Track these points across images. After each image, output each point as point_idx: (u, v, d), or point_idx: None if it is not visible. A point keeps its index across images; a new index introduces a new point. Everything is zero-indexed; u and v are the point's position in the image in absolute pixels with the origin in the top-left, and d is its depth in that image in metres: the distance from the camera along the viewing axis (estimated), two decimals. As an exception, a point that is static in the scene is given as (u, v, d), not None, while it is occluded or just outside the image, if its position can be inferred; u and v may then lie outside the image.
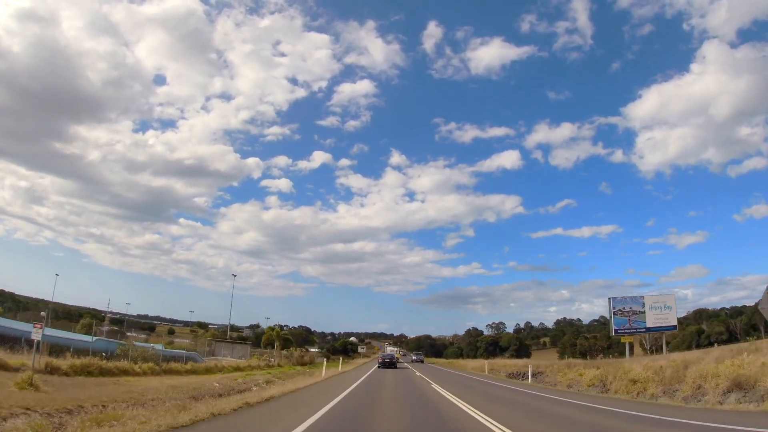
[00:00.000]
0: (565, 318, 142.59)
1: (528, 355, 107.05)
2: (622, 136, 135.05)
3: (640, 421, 10.86)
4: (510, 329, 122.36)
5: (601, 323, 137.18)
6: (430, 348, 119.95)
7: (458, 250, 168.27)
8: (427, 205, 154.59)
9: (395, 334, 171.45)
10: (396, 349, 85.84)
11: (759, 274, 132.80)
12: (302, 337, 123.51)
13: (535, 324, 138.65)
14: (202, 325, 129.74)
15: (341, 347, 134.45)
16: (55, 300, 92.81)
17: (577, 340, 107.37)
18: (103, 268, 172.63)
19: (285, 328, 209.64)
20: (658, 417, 11.19)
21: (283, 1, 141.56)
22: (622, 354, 50.07)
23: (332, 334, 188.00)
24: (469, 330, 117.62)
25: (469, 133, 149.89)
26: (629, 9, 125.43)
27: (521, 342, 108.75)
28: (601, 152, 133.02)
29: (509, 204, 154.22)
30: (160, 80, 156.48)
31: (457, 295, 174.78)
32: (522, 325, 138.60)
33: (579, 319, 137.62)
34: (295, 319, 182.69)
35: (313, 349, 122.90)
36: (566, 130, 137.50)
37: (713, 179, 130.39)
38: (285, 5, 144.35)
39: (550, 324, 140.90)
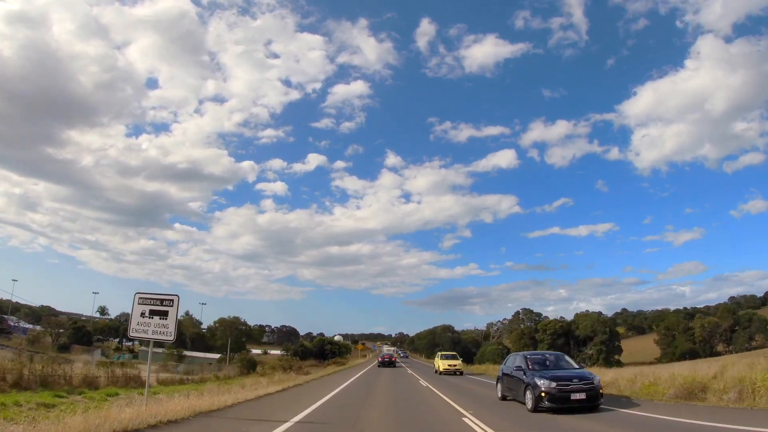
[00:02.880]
0: (586, 311, 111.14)
1: (619, 351, 63.80)
2: (617, 134, 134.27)
3: None
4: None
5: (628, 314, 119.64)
6: (453, 347, 75.81)
7: (455, 251, 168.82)
8: (423, 206, 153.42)
9: (393, 335, 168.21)
10: (393, 348, 78.44)
11: (756, 270, 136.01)
12: (241, 331, 79.54)
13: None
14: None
15: (317, 348, 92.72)
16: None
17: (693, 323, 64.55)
18: (99, 274, 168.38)
19: (268, 328, 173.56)
20: None
21: (275, 0, 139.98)
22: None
23: (321, 334, 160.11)
24: (517, 314, 74.08)
25: (464, 133, 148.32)
26: (623, 4, 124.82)
27: (611, 330, 64.72)
28: (596, 150, 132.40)
29: (505, 204, 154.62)
30: (152, 83, 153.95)
31: (454, 296, 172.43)
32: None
33: (600, 312, 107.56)
34: (296, 324, 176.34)
35: (274, 351, 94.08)
36: (562, 127, 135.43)
37: (709, 175, 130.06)
38: (276, 4, 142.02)
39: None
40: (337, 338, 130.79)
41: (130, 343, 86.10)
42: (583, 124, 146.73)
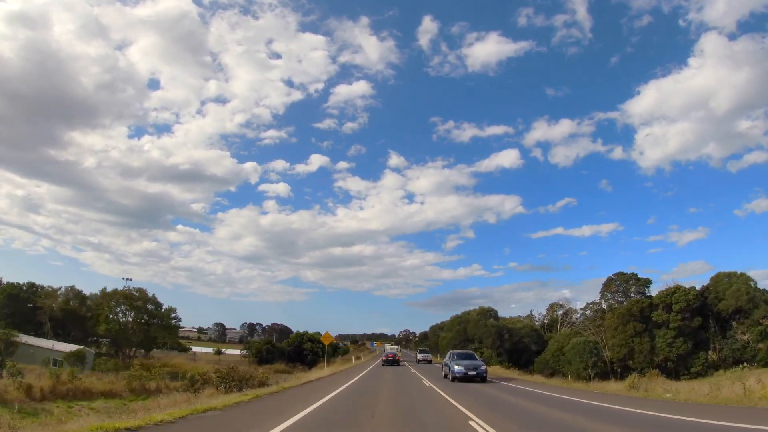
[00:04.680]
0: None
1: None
2: (621, 133, 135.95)
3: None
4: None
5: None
6: (500, 342, 48.06)
7: (458, 251, 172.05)
8: (427, 207, 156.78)
9: (396, 335, 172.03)
10: (397, 347, 68.52)
11: (761, 269, 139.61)
12: (149, 313, 50.39)
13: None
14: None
15: (293, 348, 66.64)
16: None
17: None
18: (103, 276, 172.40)
19: (259, 327, 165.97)
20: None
21: (276, 1, 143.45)
22: None
23: (317, 333, 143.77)
24: (609, 282, 45.41)
25: (467, 132, 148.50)
26: (627, 1, 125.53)
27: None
28: (600, 149, 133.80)
29: (509, 204, 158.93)
30: (154, 84, 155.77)
31: (457, 297, 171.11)
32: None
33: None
34: (298, 325, 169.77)
35: (233, 351, 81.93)
36: (565, 126, 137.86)
37: (714, 174, 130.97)
38: (277, 3, 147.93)
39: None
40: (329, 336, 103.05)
41: None
42: (587, 122, 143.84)
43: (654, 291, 43.43)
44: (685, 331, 37.67)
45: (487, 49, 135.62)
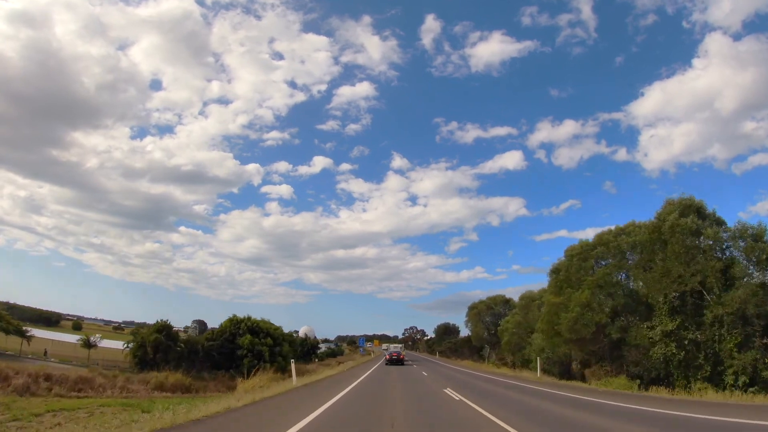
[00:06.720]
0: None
1: None
2: (625, 134, 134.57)
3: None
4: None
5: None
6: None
7: (461, 254, 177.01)
8: (430, 209, 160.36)
9: (399, 337, 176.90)
10: (401, 346, 74.76)
11: None
12: None
13: None
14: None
15: (219, 343, 37.66)
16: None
17: None
18: (105, 278, 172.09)
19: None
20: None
21: (278, 0, 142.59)
22: None
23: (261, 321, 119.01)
24: None
25: (470, 134, 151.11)
26: (632, 1, 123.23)
27: None
28: (604, 151, 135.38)
29: (513, 206, 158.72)
30: (156, 85, 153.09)
31: (461, 300, 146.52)
32: None
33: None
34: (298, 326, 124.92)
35: (113, 344, 48.80)
36: (569, 127, 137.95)
37: (718, 176, 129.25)
38: (278, 2, 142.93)
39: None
40: (303, 331, 71.34)
41: None
42: (591, 123, 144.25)
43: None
44: None
45: (491, 49, 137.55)
